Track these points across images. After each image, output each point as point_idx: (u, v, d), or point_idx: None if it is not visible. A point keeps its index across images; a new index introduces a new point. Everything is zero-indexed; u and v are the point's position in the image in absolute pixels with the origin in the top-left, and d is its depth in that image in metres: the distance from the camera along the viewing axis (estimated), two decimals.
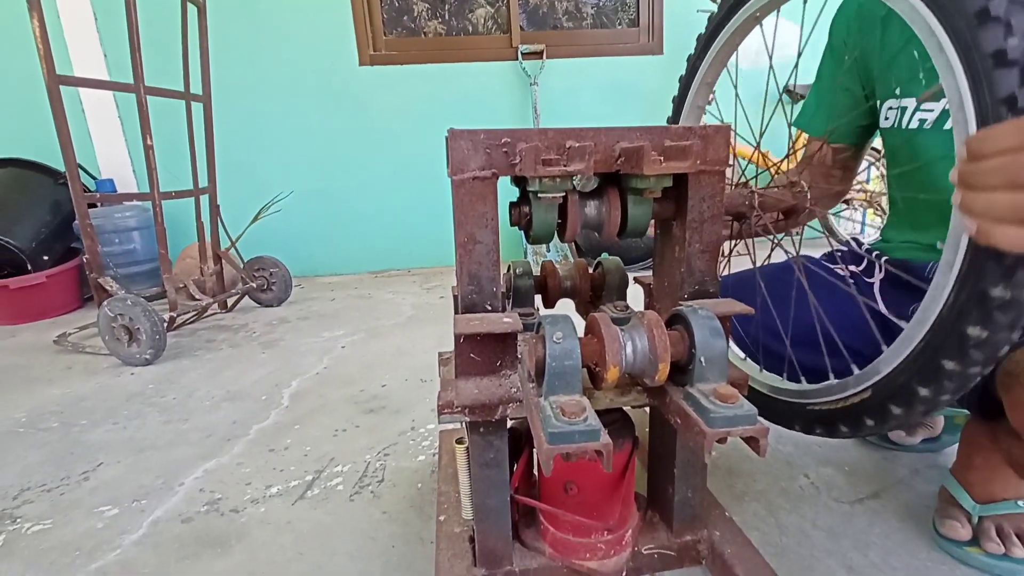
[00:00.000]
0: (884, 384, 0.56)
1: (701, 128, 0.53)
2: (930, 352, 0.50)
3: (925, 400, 0.52)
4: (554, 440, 0.39)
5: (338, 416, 1.17)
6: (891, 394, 0.55)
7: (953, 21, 0.43)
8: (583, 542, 0.62)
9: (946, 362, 0.48)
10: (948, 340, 0.48)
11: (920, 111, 0.66)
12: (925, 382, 0.51)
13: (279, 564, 0.73)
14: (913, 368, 0.52)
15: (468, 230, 0.51)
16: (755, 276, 0.73)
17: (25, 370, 1.61)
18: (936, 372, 0.49)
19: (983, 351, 0.46)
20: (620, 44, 2.70)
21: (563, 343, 0.44)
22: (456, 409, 0.52)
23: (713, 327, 0.46)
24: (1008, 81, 0.40)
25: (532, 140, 0.49)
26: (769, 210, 0.62)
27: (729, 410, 0.42)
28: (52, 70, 1.39)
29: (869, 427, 0.59)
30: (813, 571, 0.67)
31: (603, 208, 0.55)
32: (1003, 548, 0.65)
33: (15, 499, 0.93)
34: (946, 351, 0.48)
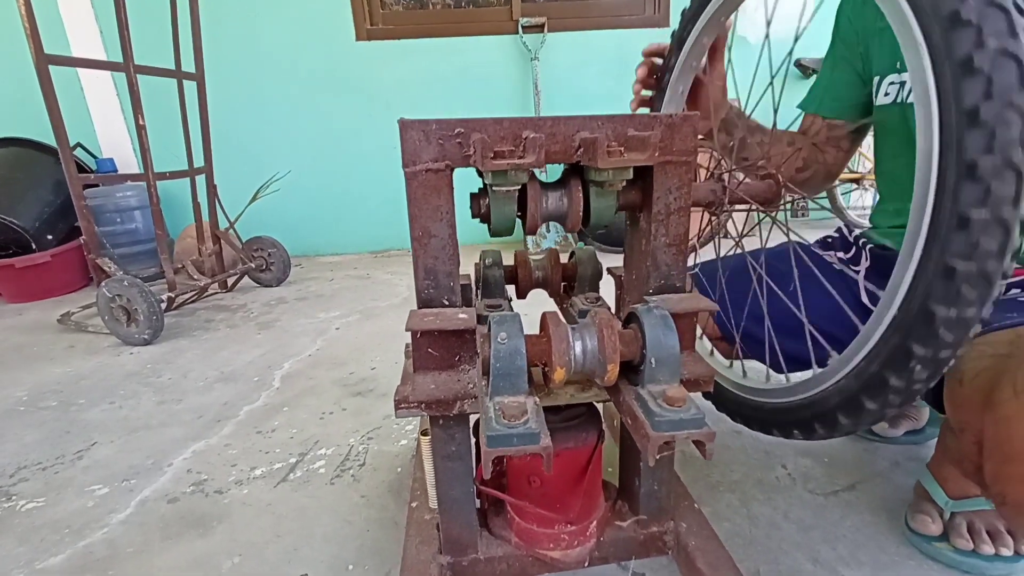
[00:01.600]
0: (854, 375, 0.53)
1: (667, 116, 0.51)
2: (899, 336, 0.46)
3: (897, 390, 0.49)
4: (492, 443, 0.39)
5: (326, 398, 1.19)
6: (863, 386, 0.52)
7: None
8: (547, 532, 0.62)
9: (915, 346, 0.46)
10: (916, 321, 0.44)
11: None
12: (895, 370, 0.48)
13: (257, 545, 0.75)
14: (882, 355, 0.49)
15: (423, 224, 0.50)
16: (718, 265, 0.71)
17: (29, 348, 1.64)
18: (906, 358, 0.46)
19: (953, 332, 0.44)
20: (624, 16, 2.61)
21: (508, 343, 0.43)
22: (412, 404, 0.51)
23: (666, 328, 0.45)
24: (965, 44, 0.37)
25: (486, 131, 0.48)
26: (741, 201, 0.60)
27: (675, 414, 0.41)
28: (40, 50, 1.38)
29: (844, 425, 0.57)
30: (779, 564, 0.67)
31: (565, 200, 0.54)
32: (972, 544, 0.64)
33: (11, 477, 0.96)
34: (915, 334, 0.45)
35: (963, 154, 0.38)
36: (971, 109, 0.37)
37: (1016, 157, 0.36)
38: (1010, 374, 0.47)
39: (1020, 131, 0.36)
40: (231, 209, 2.07)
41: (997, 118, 0.36)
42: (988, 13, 0.36)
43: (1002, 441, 0.45)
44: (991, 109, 0.36)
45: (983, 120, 0.37)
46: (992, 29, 0.36)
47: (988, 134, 0.37)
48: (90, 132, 2.51)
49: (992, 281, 0.39)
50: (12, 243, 2.18)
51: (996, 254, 0.39)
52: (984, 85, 0.36)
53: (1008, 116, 0.36)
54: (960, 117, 0.38)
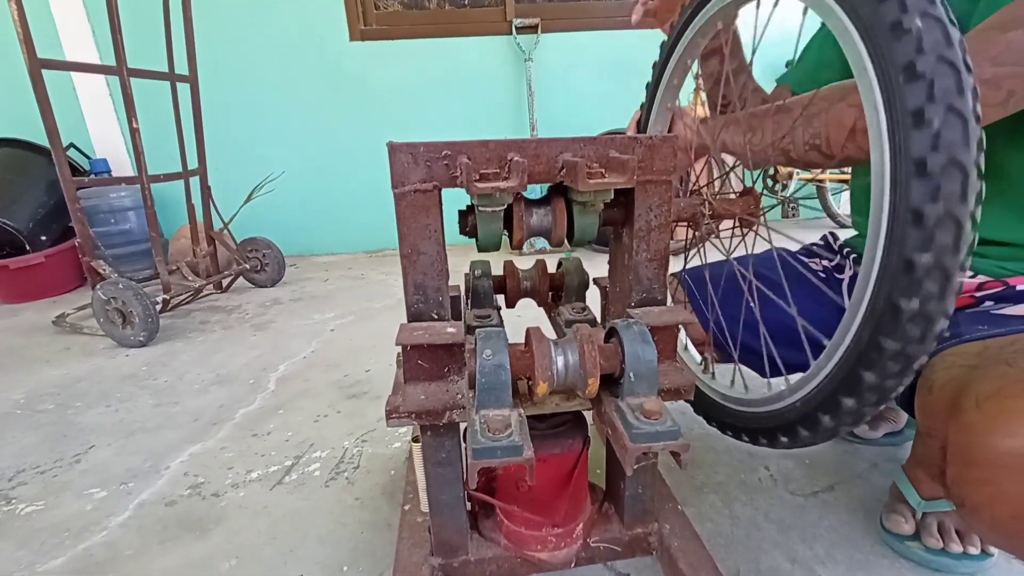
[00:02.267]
0: (831, 377, 0.54)
1: (647, 138, 0.53)
2: (869, 334, 0.47)
3: (873, 387, 0.50)
4: (477, 456, 0.41)
5: (321, 401, 1.21)
6: (840, 386, 0.53)
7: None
8: (535, 535, 0.65)
9: (885, 341, 0.46)
10: (883, 319, 0.45)
11: None
12: (869, 367, 0.49)
13: (254, 548, 0.77)
14: (855, 355, 0.49)
15: (412, 242, 0.52)
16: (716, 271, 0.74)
17: (25, 350, 1.65)
18: (878, 355, 0.46)
19: (918, 325, 0.44)
20: (618, 17, 2.62)
21: (492, 359, 0.45)
22: (403, 414, 0.53)
23: (644, 343, 0.47)
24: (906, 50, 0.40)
25: (472, 153, 0.50)
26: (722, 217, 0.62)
27: (651, 426, 0.43)
28: (33, 54, 1.38)
29: (826, 427, 0.58)
30: (759, 563, 0.70)
31: (550, 217, 0.56)
32: (941, 543, 0.67)
33: (10, 480, 0.97)
34: (883, 331, 0.45)
35: (910, 153, 0.39)
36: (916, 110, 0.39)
37: (960, 155, 0.38)
38: (975, 385, 0.49)
39: (961, 130, 0.38)
40: (225, 210, 2.08)
41: (943, 121, 0.38)
42: (928, 25, 0.38)
43: (963, 448, 0.47)
44: (935, 110, 0.38)
45: (928, 120, 0.38)
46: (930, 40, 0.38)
47: (934, 135, 0.38)
48: (83, 132, 2.50)
49: (949, 273, 0.40)
50: (6, 244, 2.19)
51: (951, 248, 0.40)
52: (927, 88, 0.38)
53: (950, 119, 0.38)
54: (906, 118, 0.40)
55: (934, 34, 0.38)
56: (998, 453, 0.43)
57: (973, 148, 0.38)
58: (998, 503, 0.43)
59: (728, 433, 0.67)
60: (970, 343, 0.56)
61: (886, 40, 0.40)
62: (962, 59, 0.38)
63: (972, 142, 0.38)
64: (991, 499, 0.44)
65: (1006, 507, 0.43)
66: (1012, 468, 0.42)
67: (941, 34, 0.38)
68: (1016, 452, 0.42)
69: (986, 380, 0.49)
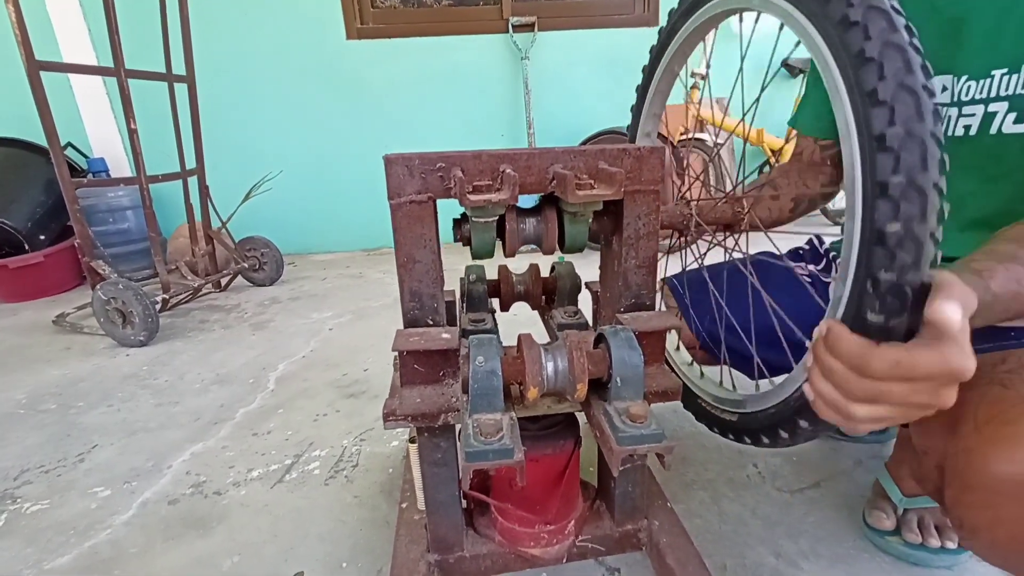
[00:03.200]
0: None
1: (635, 149, 0.55)
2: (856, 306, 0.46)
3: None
4: (470, 458, 0.43)
5: (320, 400, 1.23)
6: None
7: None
8: (528, 531, 0.67)
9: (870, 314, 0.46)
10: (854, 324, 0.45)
11: None
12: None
13: (255, 545, 0.80)
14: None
15: (407, 251, 0.54)
16: (709, 272, 0.75)
17: (26, 350, 1.67)
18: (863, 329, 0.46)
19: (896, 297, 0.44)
20: (614, 15, 2.62)
21: (485, 365, 0.47)
22: (399, 417, 0.55)
23: (631, 349, 0.49)
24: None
25: (465, 165, 0.51)
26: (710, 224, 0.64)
27: (637, 430, 0.45)
28: (31, 56, 1.39)
29: (804, 429, 0.60)
30: (745, 558, 0.72)
31: (541, 225, 0.58)
32: (920, 538, 0.69)
33: (15, 480, 0.99)
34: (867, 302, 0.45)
35: (871, 129, 0.41)
36: (871, 90, 0.41)
37: (915, 129, 0.39)
38: (973, 408, 0.49)
39: (916, 105, 0.39)
40: (223, 209, 2.09)
41: (894, 98, 0.40)
42: (889, 54, 0.40)
43: (962, 471, 0.47)
44: (887, 89, 0.40)
45: (882, 99, 0.40)
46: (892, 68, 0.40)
47: (889, 110, 0.40)
48: (80, 130, 2.51)
49: (920, 241, 0.41)
50: (5, 243, 2.19)
51: (919, 216, 0.40)
52: (878, 70, 0.41)
53: (903, 96, 0.40)
54: (864, 98, 0.42)
55: (895, 64, 0.40)
56: (996, 479, 0.43)
57: (934, 171, 0.40)
58: (996, 527, 0.44)
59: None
60: None
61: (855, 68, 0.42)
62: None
63: (933, 166, 0.40)
64: (990, 523, 0.45)
65: (1004, 531, 0.44)
66: (1010, 494, 0.43)
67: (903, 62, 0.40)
68: (1014, 478, 0.42)
69: (984, 404, 0.49)
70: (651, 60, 0.75)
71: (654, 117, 0.78)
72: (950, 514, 0.50)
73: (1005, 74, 0.59)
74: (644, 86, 0.78)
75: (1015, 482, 0.42)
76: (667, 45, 0.70)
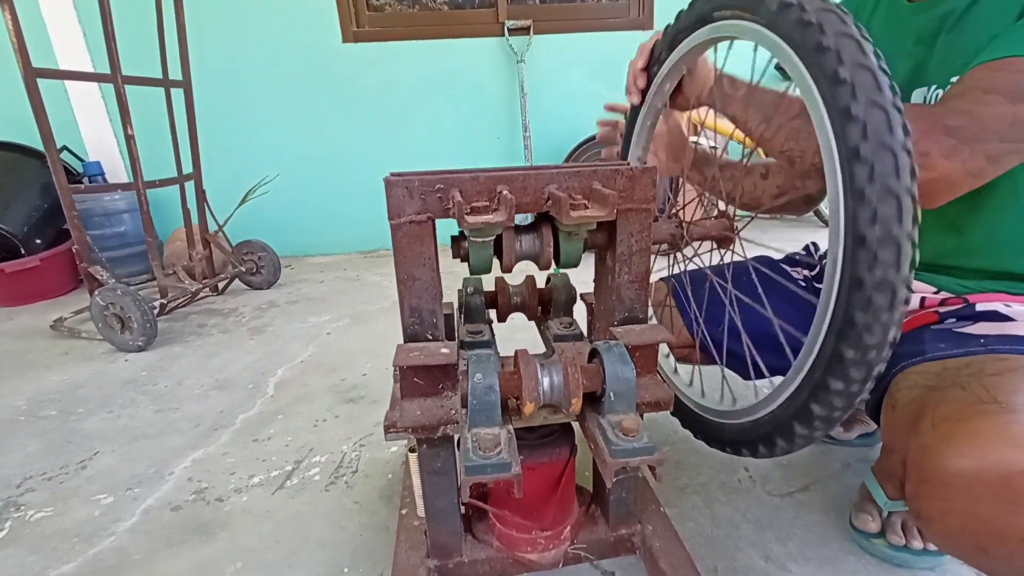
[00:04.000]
0: (801, 387, 0.56)
1: (628, 169, 0.57)
2: (832, 344, 0.49)
3: (840, 393, 0.50)
4: (469, 472, 0.45)
5: (319, 406, 1.24)
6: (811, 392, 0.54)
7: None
8: (525, 537, 0.69)
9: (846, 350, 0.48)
10: (843, 329, 0.48)
11: None
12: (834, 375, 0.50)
13: (257, 551, 0.81)
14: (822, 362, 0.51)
15: (407, 269, 0.55)
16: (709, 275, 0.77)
17: (24, 355, 1.67)
18: (840, 363, 0.49)
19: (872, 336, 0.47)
20: (609, 18, 2.64)
21: (483, 382, 0.49)
22: (400, 429, 0.57)
23: (623, 364, 0.51)
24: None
25: (463, 186, 0.53)
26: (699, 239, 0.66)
27: (629, 443, 0.47)
28: (28, 63, 1.39)
29: (801, 434, 0.58)
30: (735, 561, 0.74)
31: (537, 242, 0.59)
32: (904, 540, 0.72)
33: (18, 487, 1.00)
34: (843, 342, 0.48)
35: (848, 143, 0.44)
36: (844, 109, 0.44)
37: (887, 139, 0.42)
38: (932, 406, 0.53)
39: (885, 121, 0.42)
40: (220, 212, 2.09)
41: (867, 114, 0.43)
42: (859, 76, 0.42)
43: (920, 465, 0.51)
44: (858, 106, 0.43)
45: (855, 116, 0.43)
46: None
47: (862, 126, 0.43)
48: (75, 134, 2.50)
49: (899, 244, 0.43)
50: (1, 248, 2.19)
51: (896, 218, 0.43)
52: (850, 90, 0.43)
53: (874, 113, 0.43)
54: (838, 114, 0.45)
55: (865, 83, 0.42)
56: (949, 472, 0.47)
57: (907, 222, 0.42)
58: (949, 516, 0.48)
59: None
60: (932, 362, 0.60)
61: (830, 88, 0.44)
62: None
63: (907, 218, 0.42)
64: (943, 513, 0.48)
65: (956, 520, 0.47)
66: (960, 487, 0.46)
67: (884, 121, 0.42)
68: (964, 472, 0.46)
69: (943, 403, 0.53)
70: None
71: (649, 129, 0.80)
72: (910, 505, 0.53)
73: (936, 89, 0.62)
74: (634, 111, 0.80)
75: (964, 475, 0.46)
76: (663, 61, 0.72)
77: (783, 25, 0.49)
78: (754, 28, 0.54)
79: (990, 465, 0.45)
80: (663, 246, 0.71)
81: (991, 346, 0.57)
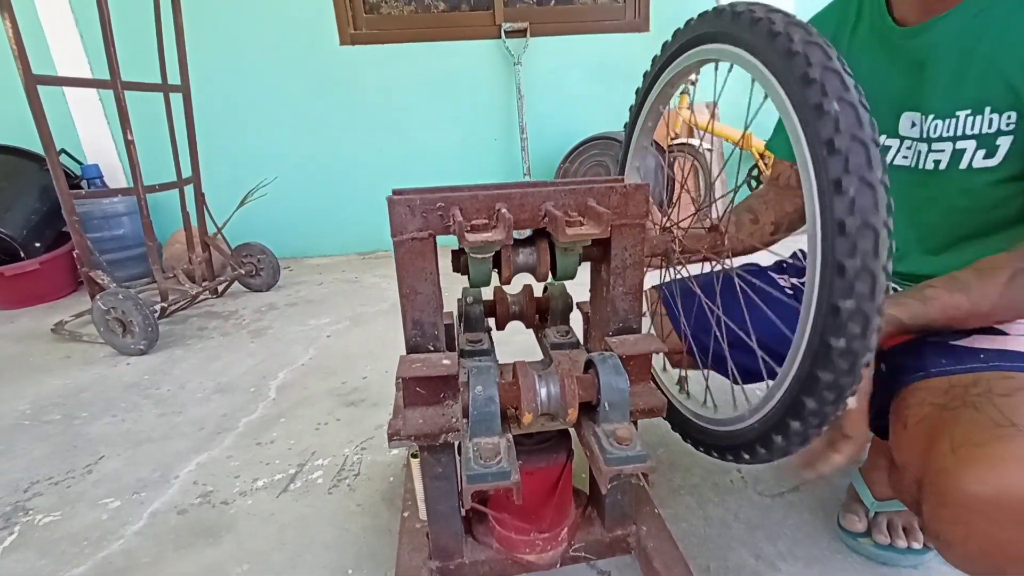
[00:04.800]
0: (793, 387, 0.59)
1: (622, 186, 0.59)
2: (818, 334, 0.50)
3: (829, 385, 0.51)
4: (471, 481, 0.47)
5: (320, 409, 1.26)
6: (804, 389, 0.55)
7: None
8: (524, 539, 0.71)
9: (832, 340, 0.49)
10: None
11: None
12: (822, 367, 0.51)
13: (263, 554, 0.83)
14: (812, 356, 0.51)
15: (410, 283, 0.57)
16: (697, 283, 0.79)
17: (25, 359, 1.69)
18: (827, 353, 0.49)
19: (846, 359, 0.49)
20: (606, 21, 2.65)
21: (483, 393, 0.51)
22: (404, 437, 0.59)
23: (617, 375, 0.53)
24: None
25: (463, 204, 0.55)
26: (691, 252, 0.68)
27: (623, 451, 0.50)
28: (28, 70, 1.40)
29: (796, 431, 0.57)
30: (727, 560, 0.77)
31: (534, 256, 0.61)
32: (889, 539, 0.74)
33: (26, 492, 1.02)
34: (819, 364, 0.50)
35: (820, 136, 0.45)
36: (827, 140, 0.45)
37: (860, 134, 0.44)
38: (948, 429, 0.54)
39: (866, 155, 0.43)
40: (218, 214, 2.11)
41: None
42: (844, 109, 0.44)
43: (939, 489, 0.51)
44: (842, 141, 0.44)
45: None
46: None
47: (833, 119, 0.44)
48: (73, 136, 2.50)
49: (877, 232, 0.44)
50: (0, 251, 2.20)
51: (872, 208, 0.44)
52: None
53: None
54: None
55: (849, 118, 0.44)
56: (969, 497, 0.48)
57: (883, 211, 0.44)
58: (969, 540, 0.49)
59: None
60: (937, 378, 0.61)
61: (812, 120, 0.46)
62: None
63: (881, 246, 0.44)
64: (963, 537, 0.49)
65: (976, 544, 0.48)
66: (981, 512, 0.47)
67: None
68: (985, 497, 0.47)
69: (959, 426, 0.53)
70: (637, 101, 0.79)
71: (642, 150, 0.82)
72: (927, 528, 0.54)
73: (969, 115, 0.63)
74: (632, 123, 0.82)
75: (985, 500, 0.47)
76: (651, 88, 0.75)
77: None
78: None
79: (1011, 490, 0.45)
80: (656, 259, 0.73)
81: (992, 362, 0.58)
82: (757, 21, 0.51)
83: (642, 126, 0.77)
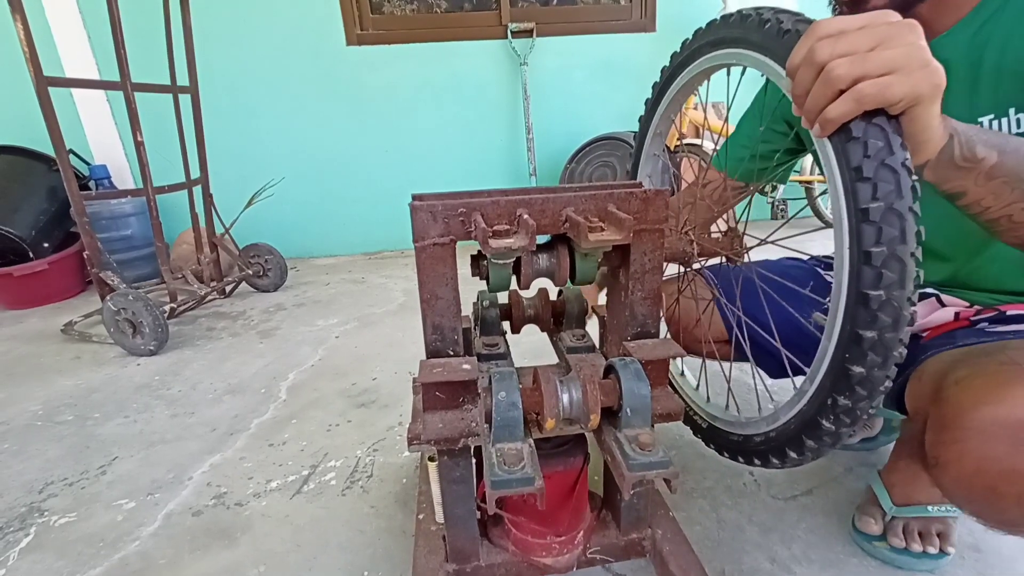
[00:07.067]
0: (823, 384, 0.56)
1: (642, 192, 0.59)
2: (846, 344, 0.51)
3: (861, 379, 0.51)
4: (495, 487, 0.47)
5: (331, 410, 1.27)
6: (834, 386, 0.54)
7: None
8: (540, 542, 0.71)
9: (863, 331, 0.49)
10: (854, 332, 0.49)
11: None
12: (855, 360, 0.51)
13: (279, 555, 0.84)
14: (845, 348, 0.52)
15: (431, 288, 0.58)
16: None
17: (36, 359, 1.69)
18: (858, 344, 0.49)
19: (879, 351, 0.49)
20: (612, 21, 2.65)
21: (506, 399, 0.51)
22: (423, 441, 0.60)
23: (639, 380, 0.53)
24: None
25: (484, 210, 0.55)
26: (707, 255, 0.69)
27: (646, 457, 0.50)
28: (39, 72, 1.41)
29: (827, 430, 0.56)
30: (742, 563, 0.77)
31: (554, 261, 0.62)
32: (905, 543, 0.74)
33: (41, 492, 1.03)
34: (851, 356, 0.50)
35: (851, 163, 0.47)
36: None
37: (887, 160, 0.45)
38: (955, 370, 0.57)
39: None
40: (226, 214, 2.11)
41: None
42: (871, 132, 0.45)
43: (940, 415, 0.54)
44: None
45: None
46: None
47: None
48: (80, 136, 2.51)
49: (904, 221, 0.45)
50: (9, 252, 2.21)
51: (895, 192, 0.45)
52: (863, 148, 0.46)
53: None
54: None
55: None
56: (966, 417, 0.51)
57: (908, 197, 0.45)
58: (964, 458, 0.51)
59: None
60: (956, 350, 0.64)
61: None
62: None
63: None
64: (958, 455, 0.51)
65: (970, 462, 0.50)
66: (977, 429, 0.50)
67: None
68: (982, 416, 0.49)
69: (965, 366, 0.56)
70: (648, 108, 0.79)
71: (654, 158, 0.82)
72: (928, 455, 0.56)
73: (993, 119, 0.63)
74: (642, 131, 0.82)
75: (982, 419, 0.49)
76: (663, 94, 0.75)
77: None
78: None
79: (1008, 410, 0.48)
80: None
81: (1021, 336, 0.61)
82: (785, 32, 0.51)
83: (653, 132, 0.77)
